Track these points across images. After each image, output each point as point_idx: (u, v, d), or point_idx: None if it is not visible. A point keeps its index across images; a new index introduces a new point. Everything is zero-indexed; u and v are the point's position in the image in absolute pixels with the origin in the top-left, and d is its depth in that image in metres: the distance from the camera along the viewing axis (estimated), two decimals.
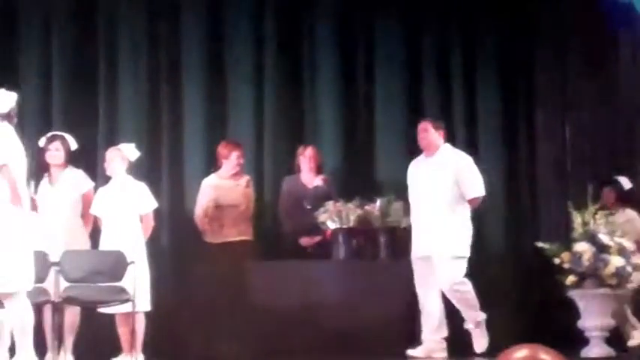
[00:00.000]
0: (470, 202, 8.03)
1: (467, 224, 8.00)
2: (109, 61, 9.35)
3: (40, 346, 7.68)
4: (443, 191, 7.90)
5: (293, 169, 9.00)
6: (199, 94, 9.38)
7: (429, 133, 8.09)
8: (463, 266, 7.91)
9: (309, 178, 8.89)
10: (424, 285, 7.95)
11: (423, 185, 8.01)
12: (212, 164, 8.86)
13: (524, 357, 3.71)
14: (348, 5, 9.64)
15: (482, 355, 7.89)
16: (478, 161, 8.32)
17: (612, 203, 8.73)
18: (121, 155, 8.22)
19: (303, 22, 9.60)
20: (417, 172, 8.13)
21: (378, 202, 8.41)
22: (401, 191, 8.30)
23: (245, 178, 8.77)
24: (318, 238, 8.67)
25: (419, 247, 7.99)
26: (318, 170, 8.93)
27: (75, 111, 9.19)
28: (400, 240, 8.30)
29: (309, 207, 8.63)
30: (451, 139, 8.52)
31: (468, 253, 7.95)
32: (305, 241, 8.74)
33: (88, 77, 9.31)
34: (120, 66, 9.34)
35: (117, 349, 8.14)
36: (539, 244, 8.16)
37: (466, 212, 8.01)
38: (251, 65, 9.48)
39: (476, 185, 8.05)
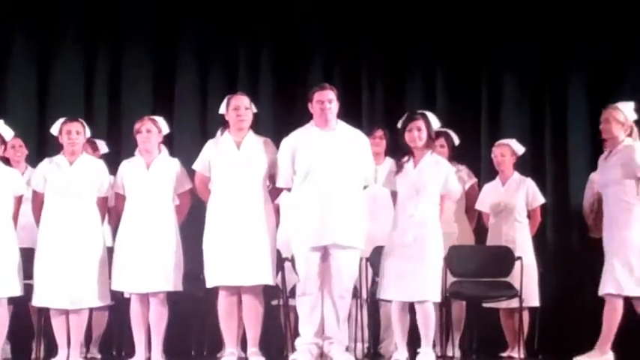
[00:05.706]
0: None
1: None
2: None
3: None
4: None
5: None
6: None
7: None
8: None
9: None
10: None
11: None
12: (595, 159, 8.62)
13: None
14: None
15: None
16: None
17: None
18: (512, 150, 8.26)
19: None
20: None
21: None
22: None
23: None
24: None
25: None
26: None
27: (458, 107, 9.30)
28: None
29: None
30: None
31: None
32: None
33: (470, 74, 9.39)
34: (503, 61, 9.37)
35: (504, 345, 8.22)
36: None
37: None
38: None
39: None
